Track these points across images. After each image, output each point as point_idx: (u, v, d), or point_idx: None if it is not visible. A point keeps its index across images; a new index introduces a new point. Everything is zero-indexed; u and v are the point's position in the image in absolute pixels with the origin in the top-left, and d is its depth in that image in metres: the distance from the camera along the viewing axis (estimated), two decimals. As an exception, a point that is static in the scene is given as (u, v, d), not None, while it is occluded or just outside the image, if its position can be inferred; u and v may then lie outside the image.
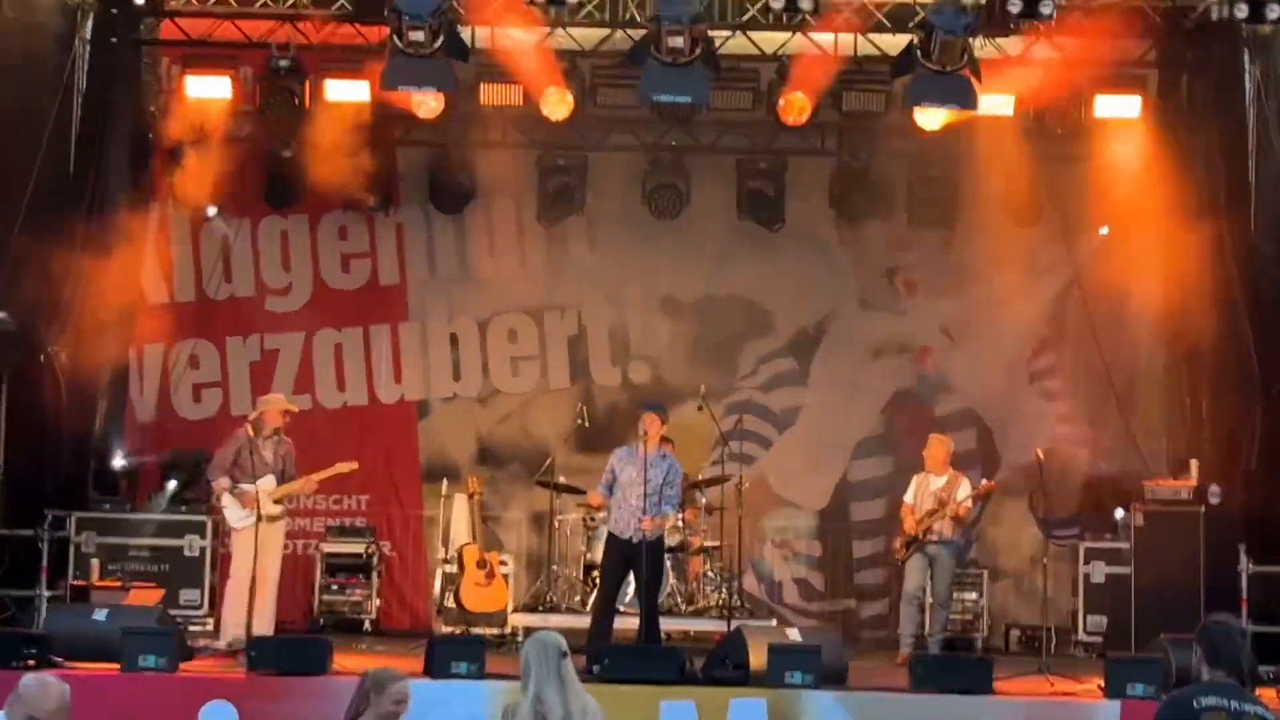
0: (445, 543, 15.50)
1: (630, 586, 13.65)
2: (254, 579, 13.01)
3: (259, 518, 13.14)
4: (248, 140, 16.06)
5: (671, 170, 16.47)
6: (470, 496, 15.13)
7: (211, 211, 16.25)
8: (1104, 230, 16.21)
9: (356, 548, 15.90)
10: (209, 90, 15.33)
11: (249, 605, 12.95)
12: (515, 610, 14.99)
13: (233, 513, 13.43)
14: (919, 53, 13.70)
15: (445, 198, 16.76)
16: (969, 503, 14.18)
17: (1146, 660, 12.01)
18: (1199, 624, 6.55)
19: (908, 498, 14.40)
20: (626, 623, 13.45)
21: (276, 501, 13.43)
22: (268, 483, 13.36)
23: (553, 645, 6.24)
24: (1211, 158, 15.00)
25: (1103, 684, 11.81)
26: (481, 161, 16.55)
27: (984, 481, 14.46)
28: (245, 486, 13.31)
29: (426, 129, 15.96)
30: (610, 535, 13.15)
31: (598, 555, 14.61)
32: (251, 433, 13.39)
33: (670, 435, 14.55)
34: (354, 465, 13.87)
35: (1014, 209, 16.09)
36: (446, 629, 14.69)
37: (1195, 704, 6.25)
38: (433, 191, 16.75)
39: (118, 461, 16.03)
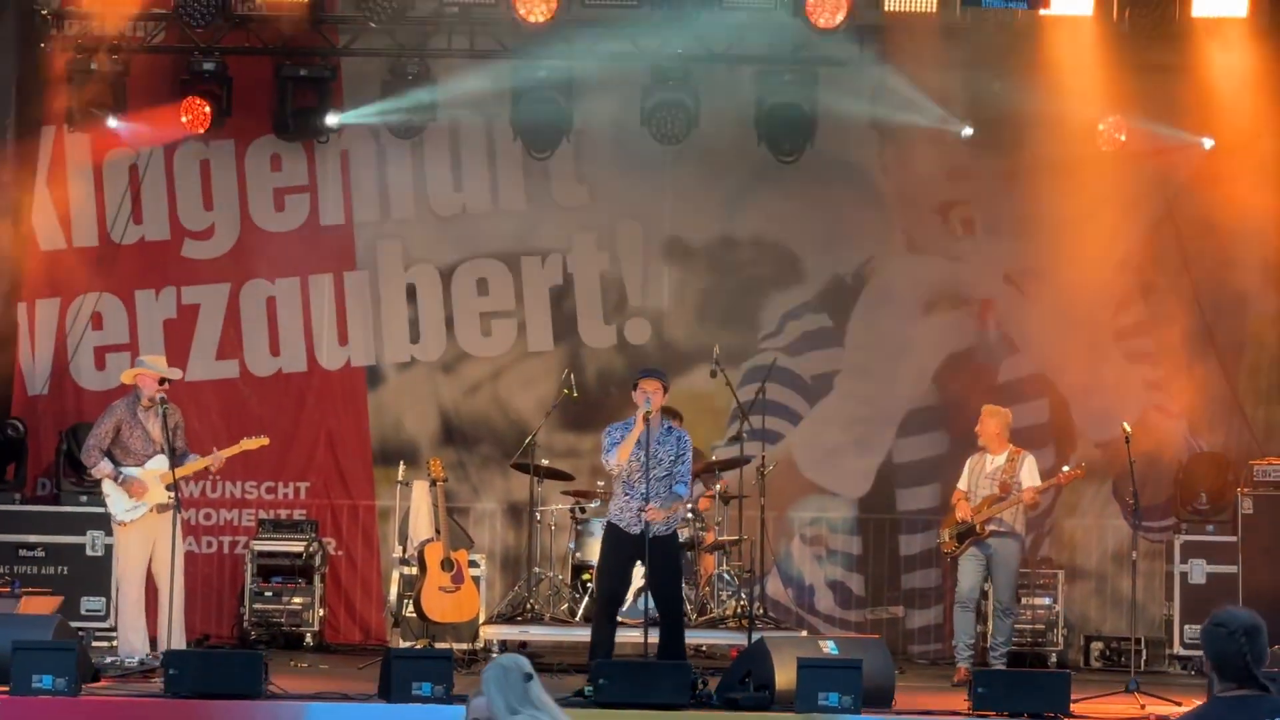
0: (402, 539, 15.53)
1: (629, 590, 13.58)
2: (151, 582, 13.13)
3: (151, 509, 13.17)
4: (160, 49, 15.99)
5: (677, 84, 16.40)
6: (432, 483, 15.12)
7: (113, 123, 16.10)
8: (1208, 142, 16.15)
9: (295, 546, 15.93)
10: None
11: (158, 615, 12.97)
12: (488, 621, 15.04)
13: (119, 503, 13.35)
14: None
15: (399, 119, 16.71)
16: (1040, 488, 14.13)
17: (1257, 677, 12.02)
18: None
19: (961, 484, 14.40)
20: (626, 635, 13.42)
21: (169, 487, 13.23)
22: (158, 464, 13.32)
23: (513, 668, 6.34)
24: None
25: (1204, 706, 11.82)
26: (444, 74, 16.49)
27: (1065, 470, 14.26)
28: (130, 471, 13.27)
29: (376, 34, 15.93)
30: (612, 528, 12.93)
31: (588, 555, 14.63)
32: (146, 403, 13.35)
33: (677, 407, 14.55)
34: (263, 440, 13.78)
35: (1094, 129, 16.05)
36: (405, 643, 14.73)
37: None
38: (384, 111, 16.70)
39: (4, 440, 16.04)
